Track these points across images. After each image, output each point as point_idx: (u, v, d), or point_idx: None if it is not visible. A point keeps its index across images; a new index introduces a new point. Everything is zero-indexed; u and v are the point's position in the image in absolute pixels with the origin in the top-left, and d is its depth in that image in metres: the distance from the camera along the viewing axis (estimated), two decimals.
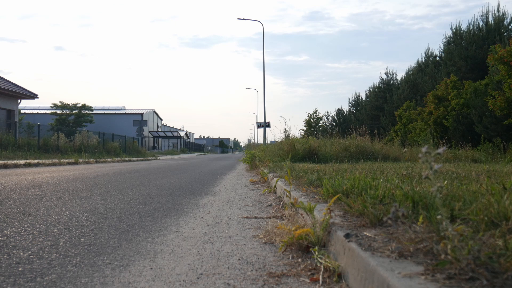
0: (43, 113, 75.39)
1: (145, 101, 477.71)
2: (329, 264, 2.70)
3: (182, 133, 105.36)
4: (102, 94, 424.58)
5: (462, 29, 37.87)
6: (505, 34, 34.28)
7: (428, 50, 48.08)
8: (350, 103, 65.62)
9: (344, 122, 60.64)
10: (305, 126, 59.66)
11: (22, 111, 63.75)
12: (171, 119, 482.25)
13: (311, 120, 59.66)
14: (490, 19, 35.73)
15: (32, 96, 38.40)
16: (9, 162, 17.64)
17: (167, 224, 4.57)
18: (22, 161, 18.56)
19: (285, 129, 21.19)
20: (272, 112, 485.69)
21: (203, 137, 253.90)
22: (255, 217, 5.09)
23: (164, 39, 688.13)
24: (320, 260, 2.83)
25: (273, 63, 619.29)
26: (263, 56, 40.19)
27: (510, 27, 35.33)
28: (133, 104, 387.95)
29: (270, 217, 5.01)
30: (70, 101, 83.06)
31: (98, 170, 15.33)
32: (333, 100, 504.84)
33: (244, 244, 3.66)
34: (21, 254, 3.21)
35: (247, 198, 7.24)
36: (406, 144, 30.07)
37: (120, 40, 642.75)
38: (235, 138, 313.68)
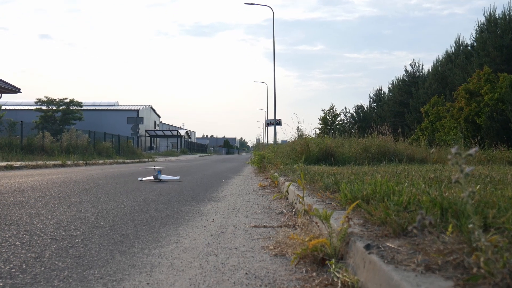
0: (27, 109, 75.62)
1: (141, 96, 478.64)
2: (347, 279, 2.70)
3: (182, 132, 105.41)
4: (92, 88, 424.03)
5: (497, 15, 37.78)
6: None
7: (459, 39, 48.03)
8: (371, 98, 65.58)
9: (364, 120, 60.57)
10: (320, 124, 59.71)
11: (3, 107, 63.75)
12: (170, 116, 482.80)
13: (327, 117, 59.69)
14: None
15: (14, 90, 38.50)
16: None
17: (165, 234, 4.58)
18: (3, 163, 18.64)
19: (298, 127, 21.09)
20: (283, 108, 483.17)
21: (206, 136, 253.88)
22: (264, 226, 5.10)
23: (163, 26, 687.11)
24: (337, 274, 2.82)
25: (285, 53, 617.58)
26: (273, 45, 40.19)
27: None
28: (127, 99, 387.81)
29: (281, 226, 5.01)
30: (56, 96, 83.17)
31: (88, 173, 15.37)
32: (352, 95, 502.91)
33: (252, 257, 3.66)
34: (1, 267, 3.22)
35: (255, 204, 7.24)
36: (433, 144, 30.00)
37: (112, 27, 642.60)
38: (241, 138, 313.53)
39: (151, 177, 12.12)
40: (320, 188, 6.35)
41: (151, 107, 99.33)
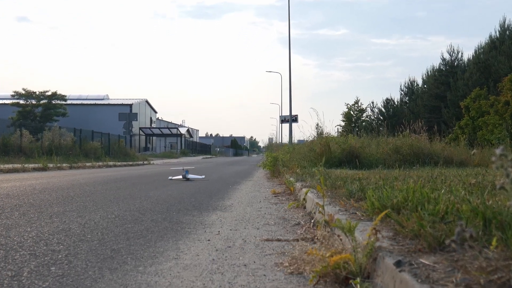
0: (2, 103, 75.93)
1: (135, 89, 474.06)
2: None
3: (182, 130, 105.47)
4: (78, 79, 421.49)
5: None
6: None
7: (504, 22, 47.89)
8: (402, 90, 65.56)
9: (394, 116, 60.53)
10: (343, 120, 59.68)
11: None
12: (168, 112, 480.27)
13: (351, 112, 59.66)
14: None
15: None
16: None
17: (163, 248, 4.58)
18: None
19: (317, 124, 21.04)
20: (301, 102, 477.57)
21: (210, 135, 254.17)
22: (278, 240, 5.10)
23: (160, 7, 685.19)
24: None
25: (302, 39, 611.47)
26: (289, 29, 40.14)
27: None
28: (119, 92, 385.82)
29: (297, 240, 5.01)
30: (36, 88, 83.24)
31: (74, 178, 15.42)
32: (380, 87, 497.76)
33: (264, 275, 3.66)
34: None
35: (267, 214, 7.26)
36: (475, 145, 29.91)
37: (101, 8, 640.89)
38: (252, 137, 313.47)
39: (180, 176, 15.15)
40: (343, 195, 6.35)
41: (147, 101, 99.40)
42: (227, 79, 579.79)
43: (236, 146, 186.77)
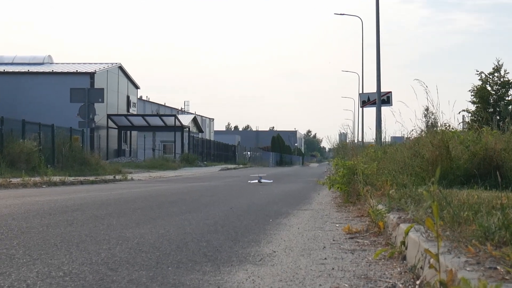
0: None
1: (100, 46, 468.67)
2: None
3: (185, 120, 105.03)
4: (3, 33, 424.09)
5: None
6: None
7: None
8: None
9: None
10: (473, 102, 59.26)
11: None
12: (159, 87, 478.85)
13: (488, 88, 59.18)
14: None
15: None
16: None
17: None
18: None
19: (426, 109, 21.02)
20: (397, 69, 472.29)
21: (235, 128, 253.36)
22: None
23: None
24: None
25: None
26: None
27: None
28: (71, 52, 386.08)
29: None
30: None
31: None
32: None
33: None
34: None
35: (337, 270, 7.26)
36: None
37: None
38: (309, 132, 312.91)
39: (256, 181, 23.54)
40: (473, 236, 6.35)
41: (121, 68, 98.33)
42: (264, 30, 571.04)
43: (282, 147, 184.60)
